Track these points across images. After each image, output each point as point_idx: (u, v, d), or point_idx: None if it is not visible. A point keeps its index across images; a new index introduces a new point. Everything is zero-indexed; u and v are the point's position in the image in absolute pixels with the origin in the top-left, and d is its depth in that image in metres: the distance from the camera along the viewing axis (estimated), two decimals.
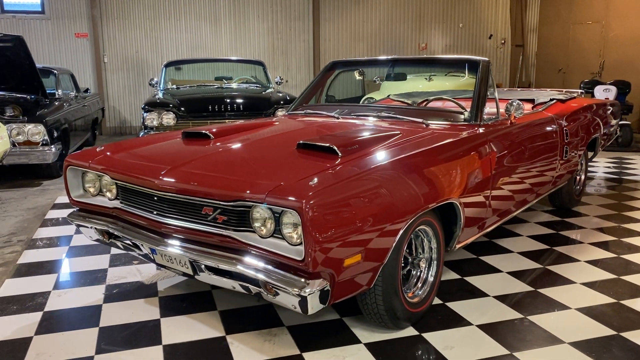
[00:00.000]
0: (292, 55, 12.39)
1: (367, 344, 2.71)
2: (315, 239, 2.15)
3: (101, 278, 3.60)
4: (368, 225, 2.37)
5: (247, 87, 7.95)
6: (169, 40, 11.58)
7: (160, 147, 3.27)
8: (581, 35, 11.94)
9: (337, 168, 2.50)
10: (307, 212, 2.13)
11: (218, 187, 2.46)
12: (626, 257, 3.86)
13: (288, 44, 12.33)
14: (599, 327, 2.86)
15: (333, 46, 12.60)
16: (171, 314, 3.07)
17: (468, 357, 2.57)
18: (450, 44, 13.35)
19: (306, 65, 12.51)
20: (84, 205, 3.21)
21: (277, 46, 12.26)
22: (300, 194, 2.19)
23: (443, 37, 13.27)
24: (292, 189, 2.25)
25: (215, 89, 7.57)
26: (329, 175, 2.40)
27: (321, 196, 2.20)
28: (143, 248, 2.84)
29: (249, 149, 3.05)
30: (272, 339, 2.77)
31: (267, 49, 12.18)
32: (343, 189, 2.31)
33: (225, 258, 2.46)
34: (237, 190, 2.39)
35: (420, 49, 13.16)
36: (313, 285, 2.21)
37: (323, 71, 4.54)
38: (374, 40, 12.82)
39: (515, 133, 3.67)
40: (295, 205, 2.15)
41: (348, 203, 2.31)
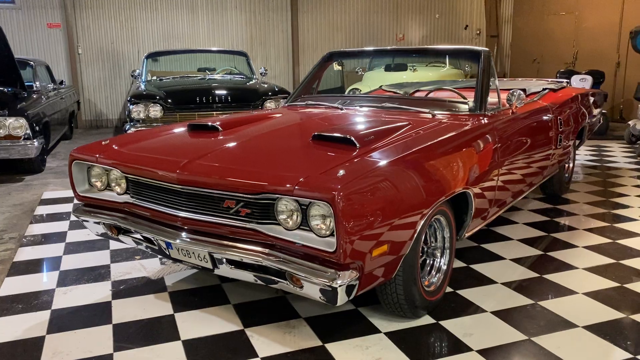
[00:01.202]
0: (271, 46, 12.30)
1: (387, 333, 2.73)
2: (347, 231, 2.15)
3: (105, 274, 3.53)
4: (394, 215, 2.38)
5: (231, 78, 7.86)
6: (145, 31, 11.36)
7: (169, 139, 3.22)
8: (555, 25, 12.16)
9: (360, 159, 2.51)
10: (339, 204, 2.13)
11: (242, 180, 2.43)
12: (622, 242, 3.98)
13: (266, 34, 12.23)
14: (609, 310, 2.94)
15: (312, 37, 12.56)
16: (184, 308, 3.03)
17: (488, 343, 2.62)
18: (427, 34, 13.45)
19: (285, 55, 12.44)
20: (90, 200, 3.13)
21: (255, 37, 12.15)
22: (331, 185, 2.18)
23: (420, 28, 13.36)
24: (322, 181, 2.24)
25: (201, 80, 7.47)
26: (356, 166, 2.40)
27: (352, 187, 2.20)
28: (157, 242, 2.80)
29: (263, 141, 3.02)
30: (292, 331, 2.77)
31: (246, 40, 12.06)
32: (371, 179, 2.32)
33: (249, 251, 2.44)
34: (263, 183, 2.37)
35: (398, 39, 13.22)
36: (344, 276, 2.21)
37: (321, 62, 4.52)
38: (352, 31, 12.82)
39: (517, 122, 3.72)
40: (327, 196, 2.15)
41: (377, 193, 2.32)
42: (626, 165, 6.68)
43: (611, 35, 10.88)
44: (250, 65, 8.32)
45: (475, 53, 3.81)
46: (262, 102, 6.64)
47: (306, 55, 12.52)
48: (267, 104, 6.63)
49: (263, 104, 6.64)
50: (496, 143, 3.34)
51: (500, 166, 3.40)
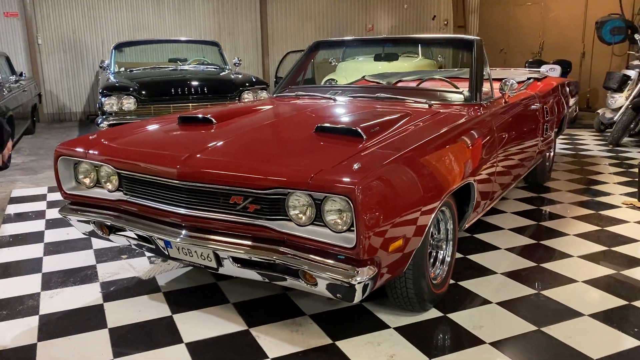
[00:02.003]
0: (240, 36, 12.07)
1: (397, 328, 2.68)
2: (367, 226, 2.08)
3: (92, 275, 3.36)
4: (409, 208, 2.32)
5: (204, 69, 7.65)
6: (108, 21, 10.95)
7: (162, 133, 3.07)
8: (521, 16, 12.33)
9: (371, 151, 2.43)
10: (359, 198, 2.05)
11: (251, 175, 2.32)
12: (610, 230, 4.03)
13: (235, 24, 11.98)
14: (611, 298, 2.97)
15: (281, 26, 12.37)
16: (182, 309, 2.91)
17: (499, 335, 2.59)
18: (396, 24, 13.44)
19: (254, 45, 12.23)
20: (78, 198, 2.96)
21: (223, 26, 11.89)
22: (350, 179, 2.10)
23: (389, 18, 13.34)
24: (339, 174, 2.16)
25: (174, 71, 7.24)
26: (369, 158, 2.32)
27: (370, 180, 2.13)
28: (155, 242, 2.66)
29: (264, 133, 2.90)
30: (299, 329, 2.68)
31: (213, 29, 11.78)
32: (388, 172, 2.25)
33: (260, 249, 2.34)
34: (274, 178, 2.26)
35: (367, 29, 13.17)
36: (363, 273, 2.14)
37: (308, 51, 4.41)
38: (322, 21, 12.70)
39: (511, 112, 3.72)
40: (347, 190, 2.06)
41: (393, 186, 2.25)
42: (600, 154, 6.82)
43: (576, 25, 11.10)
44: (223, 55, 8.12)
45: (468, 42, 3.78)
46: (239, 94, 6.48)
47: (276, 46, 12.34)
48: (245, 95, 6.48)
49: (240, 95, 6.48)
50: (494, 132, 3.32)
51: (498, 156, 3.38)
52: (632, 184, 5.29)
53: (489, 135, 3.24)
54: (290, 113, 3.34)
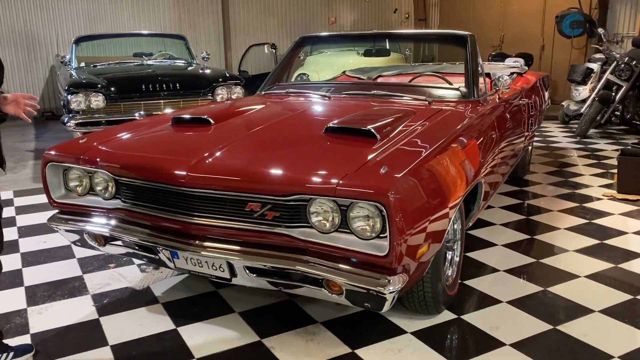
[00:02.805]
0: (201, 29, 11.74)
1: (413, 333, 2.62)
2: (400, 232, 2.00)
3: (81, 287, 3.16)
4: (434, 212, 2.25)
5: (171, 63, 7.38)
6: (62, 12, 10.43)
7: (159, 136, 2.90)
8: (482, 9, 12.50)
9: (389, 152, 2.35)
10: (392, 203, 1.97)
11: (271, 181, 2.20)
12: (598, 222, 4.10)
13: (196, 16, 11.64)
14: (616, 292, 3.00)
15: (243, 19, 12.12)
16: (186, 321, 2.76)
17: (518, 336, 2.57)
18: (358, 18, 13.39)
19: (216, 39, 11.93)
20: (69, 207, 2.76)
21: (184, 19, 11.53)
22: (380, 184, 2.01)
23: (351, 12, 13.28)
24: (367, 179, 2.07)
25: (140, 66, 6.94)
26: (392, 161, 2.23)
27: (401, 185, 2.05)
28: (159, 252, 2.50)
29: (270, 135, 2.77)
30: (314, 338, 2.59)
31: (174, 22, 11.42)
32: (415, 175, 2.17)
33: (280, 259, 2.22)
34: (297, 184, 2.15)
35: (330, 23, 13.07)
36: (395, 282, 2.06)
37: (293, 47, 4.28)
38: (285, 14, 12.51)
39: (506, 107, 3.71)
40: (379, 196, 1.98)
41: (420, 189, 2.18)
42: (570, 145, 6.97)
43: (536, 19, 11.32)
44: (190, 49, 7.85)
45: (461, 38, 3.76)
46: (213, 90, 6.28)
47: (238, 39, 12.08)
48: (218, 90, 6.27)
49: (213, 91, 6.28)
50: (496, 129, 3.30)
51: (498, 152, 3.37)
52: (607, 176, 5.42)
53: (492, 132, 3.22)
54: (290, 113, 3.21)
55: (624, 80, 7.25)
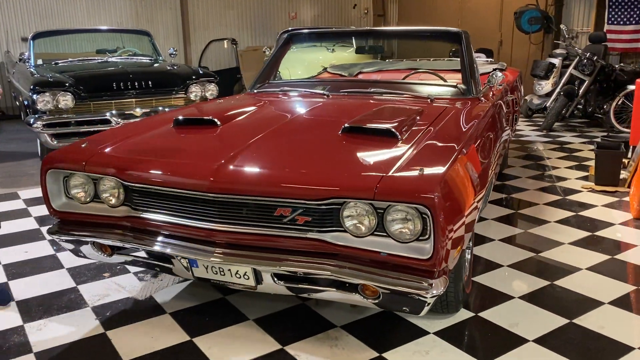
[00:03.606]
0: (159, 24, 11.39)
1: (436, 333, 2.60)
2: (444, 233, 1.98)
3: (78, 300, 2.99)
4: (466, 210, 2.24)
5: (137, 60, 7.11)
6: (11, 8, 9.90)
7: (167, 138, 2.77)
8: (440, 4, 12.68)
9: (416, 153, 2.31)
10: (437, 205, 1.94)
11: (304, 185, 2.13)
12: (584, 214, 4.22)
13: (153, 11, 11.29)
14: (619, 284, 3.08)
15: (203, 14, 11.84)
16: (200, 331, 2.65)
17: (538, 332, 2.60)
18: (319, 13, 13.34)
19: (175, 34, 11.61)
20: (71, 216, 2.59)
21: (141, 13, 11.16)
22: (424, 186, 1.98)
23: (311, 7, 13.20)
24: (408, 181, 2.03)
25: (104, 63, 6.66)
26: (425, 162, 2.20)
27: (443, 186, 2.02)
28: (177, 261, 2.39)
29: (287, 137, 2.68)
30: (337, 343, 2.53)
31: (131, 17, 11.03)
32: (452, 175, 2.14)
33: (314, 264, 2.16)
34: (331, 187, 2.09)
35: (290, 17, 12.96)
36: (438, 285, 2.03)
37: (282, 44, 4.20)
38: (245, 8, 12.31)
39: (499, 103, 3.75)
40: (424, 199, 1.94)
41: (455, 189, 2.15)
42: (538, 139, 7.16)
43: (493, 14, 11.59)
44: (155, 45, 7.61)
45: (456, 34, 3.76)
46: (187, 87, 6.09)
47: (198, 34, 11.80)
48: (192, 88, 6.09)
49: (187, 89, 6.09)
50: (497, 125, 3.33)
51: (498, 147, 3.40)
52: (580, 168, 5.59)
53: (496, 128, 3.24)
54: (296, 113, 3.12)
55: (587, 75, 7.50)
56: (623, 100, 7.31)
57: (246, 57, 11.59)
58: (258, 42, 12.57)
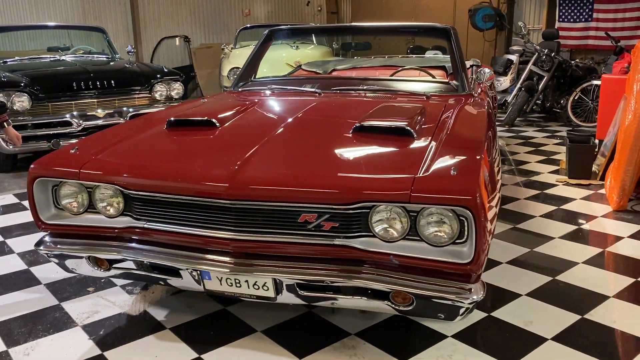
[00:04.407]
0: (108, 21, 10.90)
1: (454, 336, 2.54)
2: (485, 236, 1.90)
3: (65, 319, 2.74)
4: (494, 210, 2.18)
5: (93, 58, 6.75)
6: None
7: (168, 142, 2.58)
8: (393, 2, 12.76)
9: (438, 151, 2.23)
10: (479, 206, 1.86)
11: (331, 189, 2.00)
12: (566, 208, 4.28)
13: (101, 7, 10.79)
14: (618, 276, 3.12)
15: (153, 11, 11.42)
16: (208, 347, 2.48)
17: (554, 329, 2.57)
18: (272, 10, 13.15)
19: (125, 32, 11.15)
20: (62, 229, 2.37)
21: (88, 10, 10.65)
22: (464, 187, 1.90)
23: (265, 4, 13.00)
24: (445, 182, 1.94)
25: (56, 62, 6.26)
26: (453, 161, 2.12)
27: (482, 186, 1.94)
28: (187, 274, 2.21)
29: (296, 138, 2.54)
30: (357, 352, 2.42)
31: (77, 13, 10.51)
32: (485, 174, 2.07)
33: (343, 272, 2.04)
34: (362, 190, 1.97)
35: (244, 15, 12.71)
36: (477, 290, 1.96)
37: (264, 40, 4.03)
38: (198, 5, 11.97)
39: (489, 99, 3.74)
40: (466, 200, 1.86)
41: (490, 188, 2.09)
42: (503, 134, 7.28)
43: (447, 11, 11.75)
44: (111, 43, 7.24)
45: (445, 30, 3.72)
46: (151, 86, 5.81)
47: (149, 32, 11.38)
48: (157, 87, 5.82)
49: (152, 87, 5.81)
50: (493, 121, 3.31)
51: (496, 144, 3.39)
52: (550, 162, 5.71)
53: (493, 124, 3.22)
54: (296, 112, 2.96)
55: (546, 70, 7.69)
56: (579, 95, 7.55)
57: (200, 55, 11.27)
58: (212, 39, 12.26)
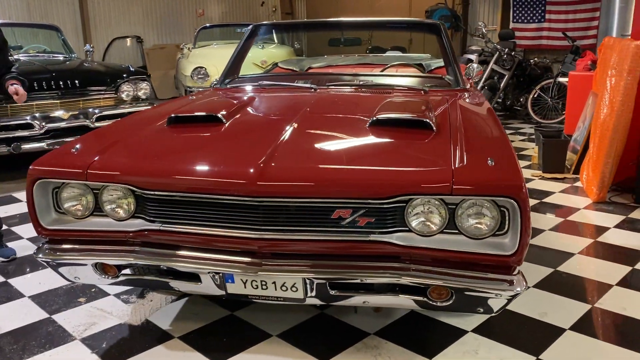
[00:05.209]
0: (55, 20, 10.37)
1: (474, 330, 2.51)
2: (528, 227, 1.87)
3: (60, 333, 2.54)
4: None
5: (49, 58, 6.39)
6: None
7: (178, 139, 2.42)
8: (349, 3, 12.81)
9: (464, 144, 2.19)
10: (524, 196, 1.83)
11: (367, 183, 1.93)
12: (547, 201, 4.37)
13: (48, 5, 10.29)
14: (614, 265, 3.18)
15: (104, 10, 11.00)
16: (224, 355, 2.34)
17: (569, 319, 2.59)
18: (227, 10, 12.95)
19: (73, 31, 10.66)
20: (65, 234, 2.18)
21: (33, 8, 10.13)
22: (509, 177, 1.87)
23: (219, 4, 12.79)
24: (487, 173, 1.90)
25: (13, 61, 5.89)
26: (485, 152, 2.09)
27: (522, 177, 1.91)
28: (206, 277, 2.08)
29: (315, 132, 2.43)
30: (381, 352, 2.35)
31: (21, 11, 9.97)
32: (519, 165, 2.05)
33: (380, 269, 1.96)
34: (400, 183, 1.91)
35: (198, 15, 12.44)
36: (520, 281, 1.93)
37: (249, 36, 3.91)
38: (150, 5, 11.62)
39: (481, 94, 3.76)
40: (512, 190, 1.83)
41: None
42: None
43: (403, 13, 11.91)
44: (66, 42, 6.90)
45: (434, 26, 3.72)
46: (117, 86, 5.55)
47: (100, 32, 10.95)
48: (124, 87, 5.56)
49: (118, 87, 5.55)
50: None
51: None
52: (520, 157, 5.83)
53: None
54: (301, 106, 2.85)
55: (507, 69, 7.88)
56: (539, 92, 7.78)
57: (153, 56, 10.95)
58: (165, 40, 11.95)
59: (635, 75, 4.04)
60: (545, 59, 9.49)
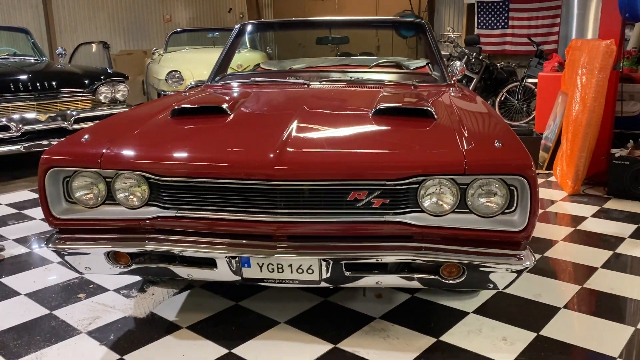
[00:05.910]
0: (19, 24, 10.14)
1: (475, 311, 2.61)
2: (538, 203, 1.98)
3: (64, 327, 2.51)
4: None
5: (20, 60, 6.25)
6: None
7: (188, 129, 2.44)
8: (316, 11, 12.93)
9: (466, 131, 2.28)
10: (533, 174, 1.94)
11: (383, 164, 2.00)
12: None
13: (11, 9, 10.03)
14: (596, 250, 3.35)
15: (69, 15, 10.79)
16: (235, 342, 2.36)
17: (562, 299, 2.72)
18: (194, 16, 12.89)
19: (38, 36, 10.37)
20: (77, 223, 2.17)
21: None
22: (518, 156, 1.97)
23: (186, 10, 12.72)
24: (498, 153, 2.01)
25: None
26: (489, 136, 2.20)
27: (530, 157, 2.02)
28: (222, 262, 2.10)
29: (322, 120, 2.49)
30: (389, 334, 2.42)
31: None
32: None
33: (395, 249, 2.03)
34: (414, 164, 1.99)
35: (165, 21, 12.35)
36: (529, 256, 2.03)
37: (235, 36, 3.94)
38: (117, 10, 11.46)
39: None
40: (522, 169, 1.94)
41: None
42: None
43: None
44: (36, 44, 6.77)
45: (419, 25, 3.84)
46: (95, 88, 5.47)
47: (66, 37, 10.73)
48: (102, 89, 5.49)
49: (96, 89, 5.48)
50: None
51: None
52: None
53: None
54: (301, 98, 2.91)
55: (475, 73, 8.13)
56: (505, 95, 8.05)
57: (120, 62, 10.79)
58: (132, 46, 11.80)
59: (605, 73, 4.26)
60: (509, 63, 9.85)
